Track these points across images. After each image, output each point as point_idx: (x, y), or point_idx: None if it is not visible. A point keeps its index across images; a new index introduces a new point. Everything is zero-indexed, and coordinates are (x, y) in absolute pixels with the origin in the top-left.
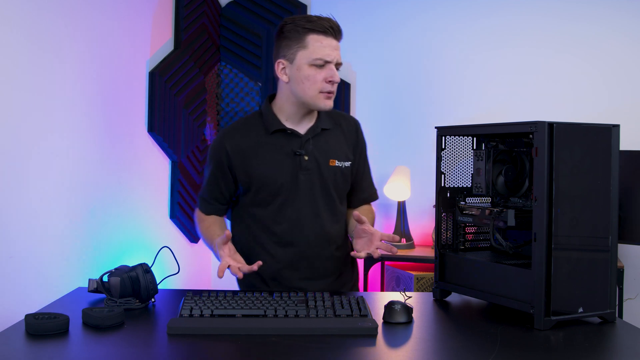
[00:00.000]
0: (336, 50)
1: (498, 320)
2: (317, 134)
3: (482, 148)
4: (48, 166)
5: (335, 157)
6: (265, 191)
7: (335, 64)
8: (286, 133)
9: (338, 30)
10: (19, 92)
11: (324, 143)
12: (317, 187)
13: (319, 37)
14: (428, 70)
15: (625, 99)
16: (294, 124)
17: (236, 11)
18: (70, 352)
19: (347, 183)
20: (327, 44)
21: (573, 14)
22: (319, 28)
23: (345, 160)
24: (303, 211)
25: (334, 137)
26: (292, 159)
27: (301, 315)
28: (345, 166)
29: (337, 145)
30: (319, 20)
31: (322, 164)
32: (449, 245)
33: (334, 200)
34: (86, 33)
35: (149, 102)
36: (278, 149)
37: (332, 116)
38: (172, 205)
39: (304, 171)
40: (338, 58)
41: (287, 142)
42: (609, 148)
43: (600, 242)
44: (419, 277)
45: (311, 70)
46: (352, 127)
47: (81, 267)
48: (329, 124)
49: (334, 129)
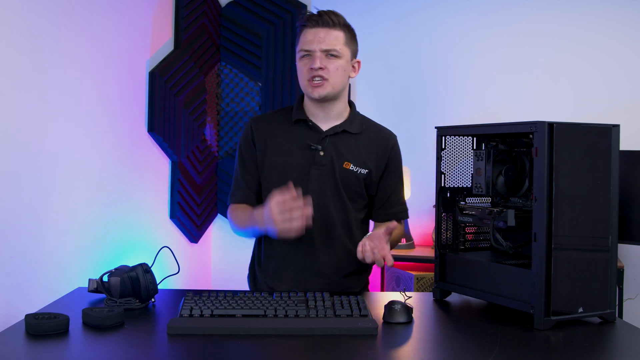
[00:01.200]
0: (322, 39)
1: (498, 320)
2: (338, 133)
3: (482, 148)
4: (48, 166)
5: (351, 161)
6: (275, 180)
7: (329, 52)
8: (307, 126)
9: (329, 20)
10: (18, 92)
11: (344, 144)
12: (327, 185)
13: (305, 30)
14: (428, 70)
15: (625, 99)
16: (318, 120)
17: (236, 11)
18: (70, 352)
19: (361, 189)
20: (310, 35)
21: (573, 14)
22: (306, 21)
23: (363, 167)
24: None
25: (358, 142)
26: (307, 152)
27: (301, 315)
28: (360, 172)
29: (357, 150)
30: (312, 14)
31: (337, 164)
32: (449, 245)
33: (345, 202)
34: (86, 33)
35: (149, 102)
36: (296, 139)
37: (366, 124)
38: (172, 205)
39: (317, 166)
40: (322, 45)
41: (307, 135)
42: (609, 148)
43: (600, 242)
44: (419, 277)
45: (299, 63)
46: (385, 139)
47: (81, 267)
48: (356, 129)
49: (362, 135)
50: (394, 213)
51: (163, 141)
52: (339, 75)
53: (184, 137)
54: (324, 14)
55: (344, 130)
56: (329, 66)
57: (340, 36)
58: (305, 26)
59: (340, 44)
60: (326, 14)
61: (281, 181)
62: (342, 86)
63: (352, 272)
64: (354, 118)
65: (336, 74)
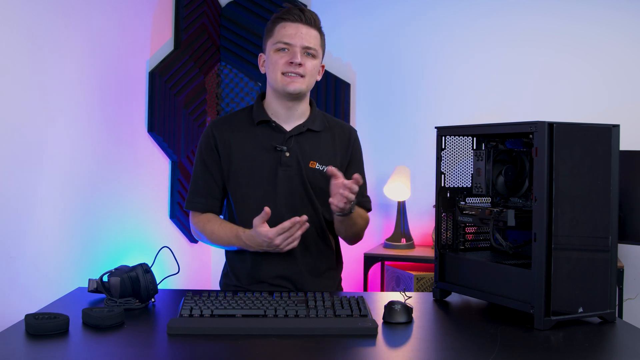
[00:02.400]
0: (303, 35)
1: (498, 320)
2: (302, 133)
3: (482, 148)
4: (48, 166)
5: (316, 160)
6: (243, 184)
7: (307, 51)
8: (271, 127)
9: (310, 19)
10: (19, 92)
11: (308, 144)
12: (295, 185)
13: (285, 24)
14: (428, 70)
15: (625, 99)
16: (281, 120)
17: (236, 11)
18: (70, 352)
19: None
20: (292, 29)
21: (573, 14)
22: (286, 16)
23: (328, 164)
24: (282, 208)
25: (321, 140)
26: (273, 154)
27: (301, 315)
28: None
29: (322, 148)
30: (291, 9)
31: (303, 164)
32: (449, 245)
33: (314, 201)
34: (86, 33)
35: (149, 102)
36: (260, 142)
37: (328, 121)
38: (172, 205)
39: (283, 167)
40: (303, 42)
41: (270, 136)
42: (609, 148)
43: (600, 242)
44: (419, 277)
45: (275, 55)
46: (346, 134)
47: (81, 267)
48: (319, 127)
49: (324, 133)
50: (360, 202)
51: (163, 141)
52: (313, 74)
53: (184, 137)
54: (305, 11)
55: (308, 129)
56: (306, 64)
57: (318, 37)
58: (285, 19)
59: (318, 45)
60: (307, 11)
61: (249, 185)
62: (312, 86)
63: (325, 271)
64: (316, 116)
65: (312, 72)
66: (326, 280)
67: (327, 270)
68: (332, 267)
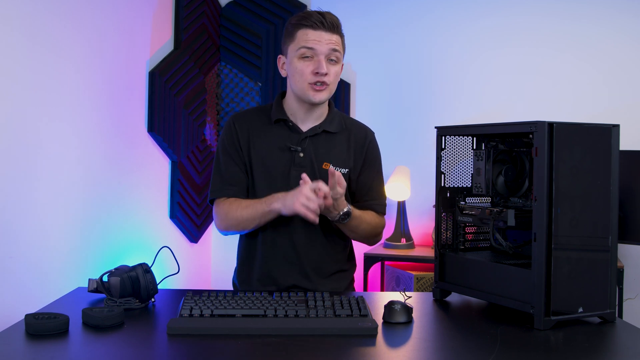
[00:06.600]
0: (327, 42)
1: (498, 320)
2: (318, 134)
3: (482, 148)
4: (48, 166)
5: (330, 161)
6: (257, 181)
7: (330, 57)
8: (287, 126)
9: (332, 24)
10: (19, 92)
11: (323, 145)
12: None
13: (307, 31)
14: (428, 70)
15: (625, 99)
16: (298, 120)
17: (236, 11)
18: (70, 352)
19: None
20: (314, 36)
21: (573, 14)
22: (308, 22)
23: (342, 166)
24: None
25: (336, 141)
26: (287, 153)
27: (301, 315)
28: (340, 172)
29: (336, 150)
30: (312, 15)
31: (316, 165)
32: (449, 245)
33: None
34: (86, 33)
35: (149, 102)
36: (276, 141)
37: (346, 122)
38: (172, 205)
39: (296, 167)
40: (328, 50)
41: (286, 136)
42: (609, 148)
43: (600, 242)
44: (419, 277)
45: (300, 63)
46: (362, 136)
47: (81, 267)
48: (335, 128)
49: (341, 134)
50: (371, 205)
51: (163, 141)
52: (337, 80)
53: (184, 137)
54: (326, 15)
55: (324, 131)
56: (330, 71)
57: (340, 41)
58: (307, 26)
59: (340, 49)
60: (328, 16)
61: (263, 183)
62: (335, 89)
63: (335, 272)
64: (333, 117)
65: (335, 79)
66: (335, 282)
67: (338, 271)
68: (343, 268)
